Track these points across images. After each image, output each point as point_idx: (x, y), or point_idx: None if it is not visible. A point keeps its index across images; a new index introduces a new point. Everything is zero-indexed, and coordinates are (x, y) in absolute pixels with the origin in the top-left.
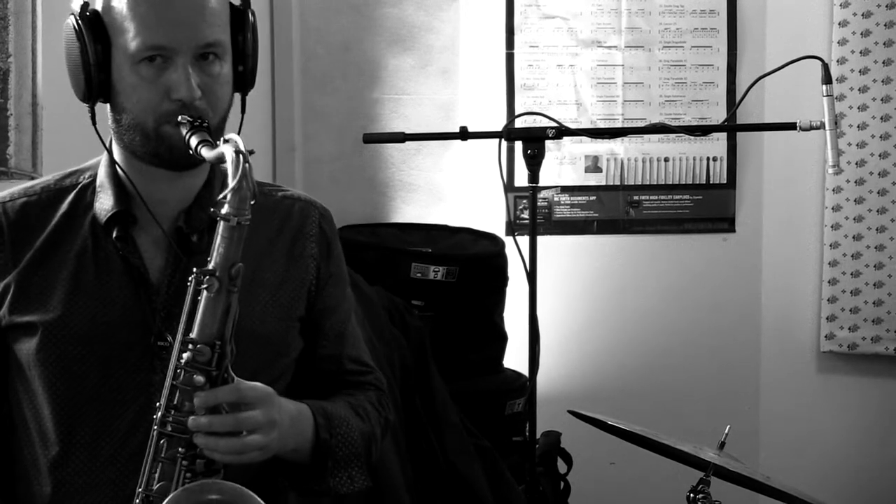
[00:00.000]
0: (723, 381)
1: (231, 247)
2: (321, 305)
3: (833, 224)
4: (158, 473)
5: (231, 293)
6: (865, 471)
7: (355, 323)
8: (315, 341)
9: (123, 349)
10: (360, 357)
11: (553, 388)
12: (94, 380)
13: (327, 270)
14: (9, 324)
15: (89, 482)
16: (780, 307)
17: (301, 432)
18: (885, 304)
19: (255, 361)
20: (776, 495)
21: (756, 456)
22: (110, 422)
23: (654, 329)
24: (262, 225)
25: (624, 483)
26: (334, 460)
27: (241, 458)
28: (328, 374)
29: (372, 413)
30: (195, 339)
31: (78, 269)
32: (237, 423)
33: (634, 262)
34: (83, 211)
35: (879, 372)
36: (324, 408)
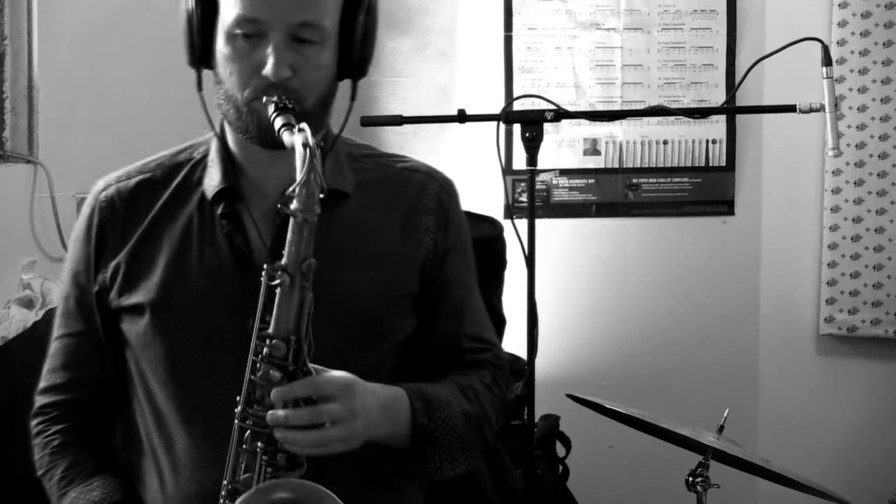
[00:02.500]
0: (722, 364)
1: (301, 243)
2: (439, 280)
3: (833, 207)
4: (244, 465)
5: (304, 289)
6: (865, 454)
7: (478, 297)
8: (432, 318)
9: (223, 329)
10: (480, 334)
11: (552, 371)
12: (196, 359)
13: (445, 243)
14: (118, 306)
15: (197, 460)
16: (779, 290)
17: (395, 418)
18: (884, 286)
19: (359, 342)
20: (775, 479)
21: (755, 439)
22: (214, 401)
23: (653, 312)
24: (376, 199)
25: (623, 467)
26: (434, 445)
27: (322, 451)
28: (445, 352)
29: (483, 394)
30: (271, 335)
31: (182, 247)
32: (314, 417)
33: (633, 245)
34: (193, 186)
35: (879, 355)
36: (423, 391)
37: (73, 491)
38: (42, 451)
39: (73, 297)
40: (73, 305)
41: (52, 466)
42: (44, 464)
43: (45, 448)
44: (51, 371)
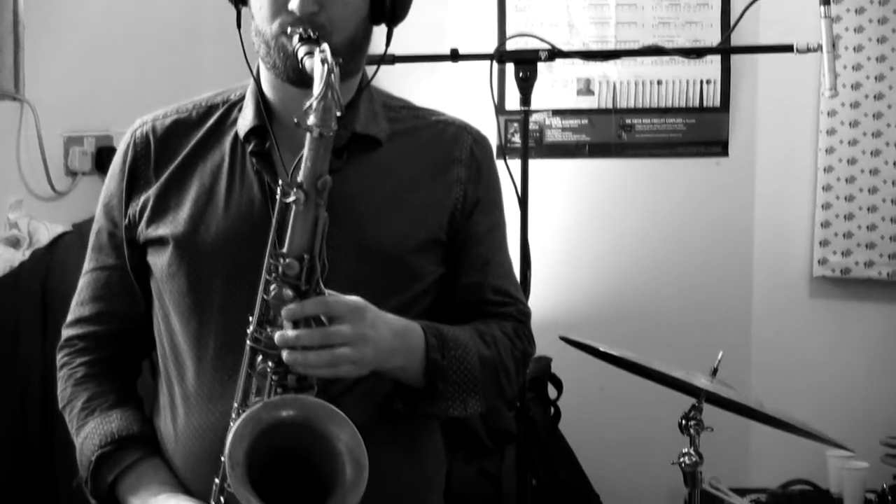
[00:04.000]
0: (715, 306)
1: (317, 159)
2: (467, 232)
3: (827, 148)
4: (255, 388)
5: (319, 206)
6: (858, 396)
7: (507, 254)
8: (458, 268)
9: (249, 263)
10: (505, 287)
11: (544, 313)
12: (220, 293)
13: (475, 195)
14: (145, 238)
15: (214, 394)
16: (772, 232)
17: (408, 349)
18: (878, 228)
19: (387, 284)
20: (768, 421)
21: (748, 382)
22: (235, 335)
23: (646, 254)
24: (409, 148)
25: (615, 409)
26: (446, 383)
27: (332, 372)
28: (468, 303)
29: (502, 342)
30: (284, 253)
31: (212, 183)
32: (325, 337)
33: (626, 186)
34: (228, 127)
35: (872, 297)
36: (439, 329)
37: (93, 422)
38: (65, 383)
39: (105, 231)
40: (105, 239)
41: (73, 398)
42: (66, 396)
43: (68, 380)
44: (79, 304)
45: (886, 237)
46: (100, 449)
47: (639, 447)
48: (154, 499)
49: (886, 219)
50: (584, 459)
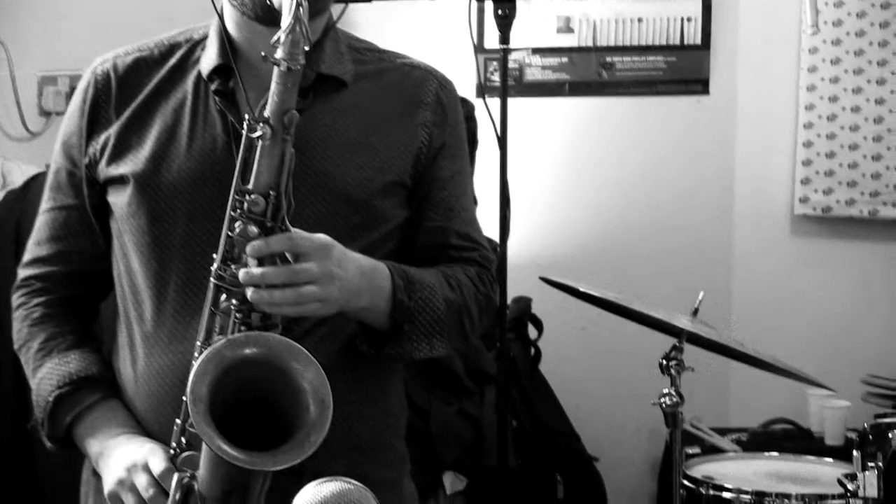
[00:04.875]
0: (696, 245)
1: (285, 93)
2: (432, 176)
3: (808, 86)
4: (218, 327)
5: (286, 142)
6: (838, 335)
7: (471, 200)
8: (422, 212)
9: (212, 203)
10: (469, 233)
11: (524, 253)
12: (181, 233)
13: (440, 139)
14: (106, 177)
15: (176, 334)
16: (753, 170)
17: (374, 290)
18: (859, 166)
19: (351, 226)
20: (749, 361)
21: (729, 321)
22: (197, 275)
23: (627, 193)
24: (374, 90)
25: (595, 349)
26: (412, 324)
27: (298, 311)
28: (432, 247)
29: (467, 285)
30: (250, 189)
31: (175, 122)
32: (291, 275)
33: (607, 124)
34: (190, 66)
35: (853, 235)
36: (405, 270)
37: (50, 362)
38: (21, 323)
39: (63, 170)
40: (64, 178)
41: (29, 339)
42: (22, 336)
43: (24, 321)
44: (36, 244)
45: (867, 175)
46: (57, 390)
47: (619, 387)
48: (113, 440)
49: (868, 157)
50: (564, 400)
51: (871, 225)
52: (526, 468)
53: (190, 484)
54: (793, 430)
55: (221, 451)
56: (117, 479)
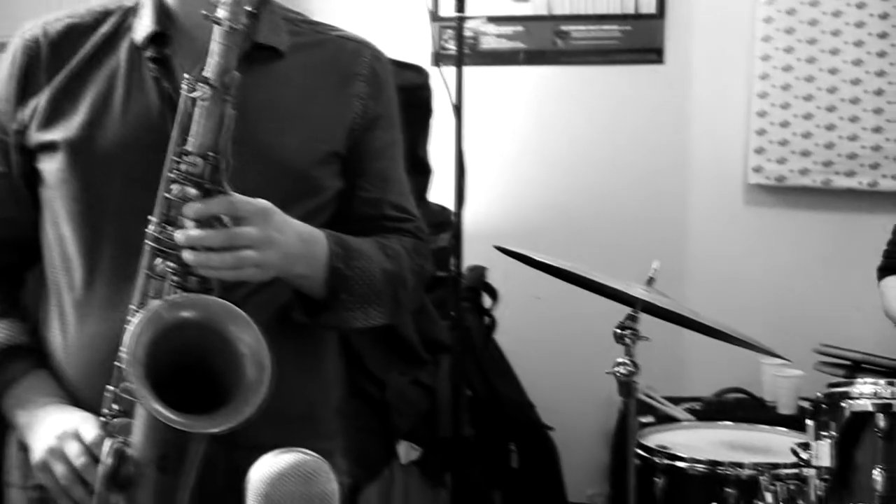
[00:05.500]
0: (650, 214)
1: (226, 53)
2: (366, 147)
3: (763, 55)
4: (153, 291)
5: (226, 102)
6: (791, 304)
7: (403, 171)
8: (357, 183)
9: (146, 169)
10: (403, 204)
11: (479, 222)
12: (115, 199)
13: (375, 111)
14: (37, 143)
15: (109, 301)
16: (708, 140)
17: (312, 257)
18: (813, 136)
19: (286, 195)
20: (703, 330)
21: (683, 290)
22: (131, 241)
23: (582, 162)
24: (309, 61)
25: (550, 318)
26: (349, 293)
27: (235, 275)
28: (367, 218)
29: (403, 257)
30: (189, 151)
31: (108, 89)
32: (229, 238)
33: (562, 93)
34: (124, 32)
35: (807, 205)
36: (343, 239)
37: None
38: None
39: None
40: None
41: None
42: None
43: None
44: None
45: (821, 144)
46: None
47: (574, 357)
48: (42, 410)
49: (821, 126)
50: (519, 369)
51: (824, 194)
52: (480, 438)
53: (123, 450)
54: (746, 399)
55: (158, 414)
56: (47, 448)
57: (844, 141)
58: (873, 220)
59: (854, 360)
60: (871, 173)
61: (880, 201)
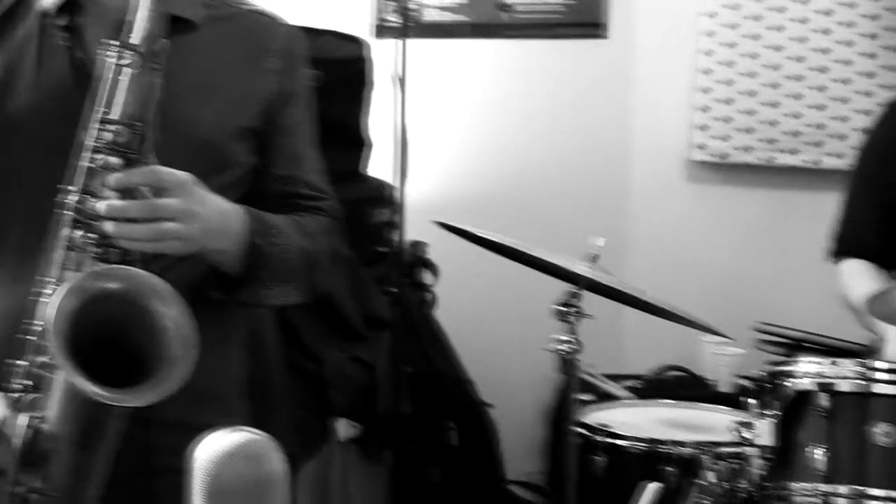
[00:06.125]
0: (592, 191)
1: (153, 20)
2: (279, 123)
3: (707, 32)
4: (72, 263)
5: (154, 70)
6: (733, 282)
7: (316, 150)
8: (271, 160)
9: (59, 139)
10: (317, 182)
11: (420, 197)
12: (25, 169)
13: (289, 88)
14: None
15: (17, 275)
16: (651, 116)
17: (231, 232)
18: (757, 112)
19: (200, 170)
20: (644, 308)
21: (624, 267)
22: (40, 213)
23: (525, 137)
24: (224, 35)
25: (491, 295)
26: (267, 270)
27: (157, 248)
28: (281, 196)
29: (318, 235)
30: (112, 119)
31: (18, 58)
32: (152, 210)
33: (505, 68)
34: (33, 1)
35: (750, 182)
36: (261, 214)
37: None
38: None
39: None
40: None
41: None
42: None
43: None
44: None
45: (765, 122)
46: None
47: (514, 334)
48: None
49: (765, 103)
50: (458, 346)
51: (767, 172)
52: (419, 415)
53: (38, 426)
54: (686, 377)
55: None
56: None
57: (788, 118)
58: (816, 198)
59: (793, 339)
60: (815, 151)
61: (823, 179)
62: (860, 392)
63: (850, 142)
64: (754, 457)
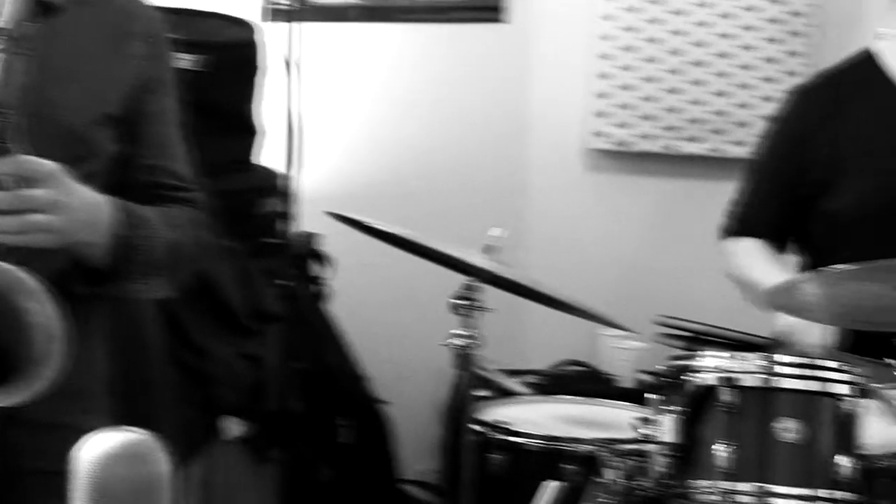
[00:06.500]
0: (489, 180)
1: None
2: (145, 110)
3: (605, 15)
4: None
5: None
6: (632, 274)
7: (181, 137)
8: (134, 149)
9: None
10: (181, 172)
11: (315, 187)
12: None
13: (153, 74)
14: None
15: None
16: (548, 102)
17: (99, 224)
18: (658, 99)
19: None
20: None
21: (522, 258)
22: None
23: (422, 125)
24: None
25: (388, 288)
26: (133, 263)
27: (22, 240)
28: (147, 186)
29: (185, 227)
30: None
31: None
32: (17, 201)
33: (400, 52)
34: None
35: (649, 171)
36: (127, 206)
37: None
38: None
39: None
40: None
41: None
42: None
43: None
44: None
45: (666, 109)
46: None
47: (411, 329)
48: None
49: (665, 90)
50: (354, 341)
51: (666, 160)
52: (309, 412)
53: None
54: (587, 372)
55: None
56: None
57: (690, 105)
58: (717, 187)
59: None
60: (715, 139)
61: (724, 168)
62: (764, 387)
63: (753, 130)
64: (656, 454)
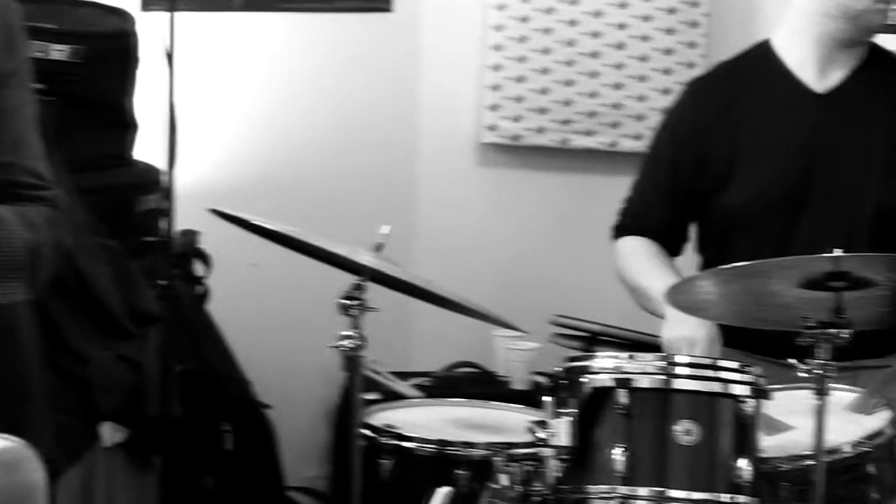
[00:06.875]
0: (378, 175)
1: None
2: None
3: (498, 5)
4: None
5: None
6: (527, 272)
7: (37, 133)
8: None
9: None
10: (38, 170)
11: (193, 183)
12: None
13: (7, 66)
14: None
15: None
16: (439, 95)
17: None
18: (551, 92)
19: None
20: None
21: (412, 257)
22: None
23: (306, 118)
24: None
25: (271, 288)
26: None
27: None
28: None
29: (41, 227)
30: None
31: None
32: None
33: (284, 42)
34: None
35: (543, 165)
36: None
37: None
38: None
39: None
40: None
41: None
42: None
43: None
44: None
45: (559, 102)
46: None
47: (295, 329)
48: None
49: (560, 82)
50: (234, 342)
51: (561, 154)
52: (191, 417)
53: None
54: (478, 373)
55: None
56: None
57: (583, 98)
58: (613, 182)
59: (591, 332)
60: (611, 132)
61: (620, 162)
62: (661, 388)
63: (648, 123)
64: (550, 458)
